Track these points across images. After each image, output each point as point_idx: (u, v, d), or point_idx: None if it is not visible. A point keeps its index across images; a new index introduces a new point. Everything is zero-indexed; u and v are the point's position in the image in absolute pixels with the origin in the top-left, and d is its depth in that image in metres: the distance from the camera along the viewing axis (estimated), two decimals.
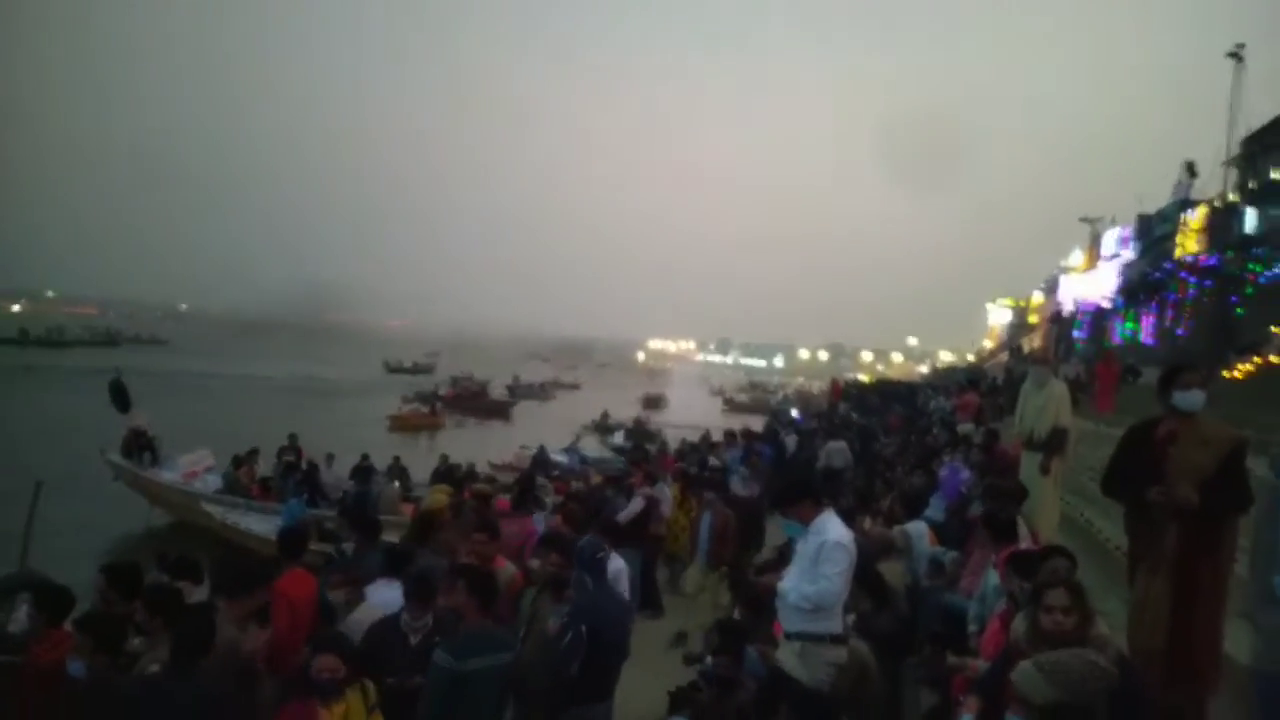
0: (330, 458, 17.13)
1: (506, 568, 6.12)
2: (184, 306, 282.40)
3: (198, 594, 5.56)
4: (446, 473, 15.45)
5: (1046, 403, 7.88)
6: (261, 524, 14.07)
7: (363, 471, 15.95)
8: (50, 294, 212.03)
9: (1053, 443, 7.80)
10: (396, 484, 16.04)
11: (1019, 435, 8.35)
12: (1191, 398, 4.51)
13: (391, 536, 8.00)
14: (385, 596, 5.52)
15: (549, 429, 31.64)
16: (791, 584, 4.72)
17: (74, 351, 56.95)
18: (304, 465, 16.27)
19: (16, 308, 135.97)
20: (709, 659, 6.09)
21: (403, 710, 4.57)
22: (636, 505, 9.85)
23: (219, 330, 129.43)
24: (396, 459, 18.21)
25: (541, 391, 63.18)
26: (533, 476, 12.92)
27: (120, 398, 16.65)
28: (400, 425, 37.35)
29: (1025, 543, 5.85)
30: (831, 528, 4.73)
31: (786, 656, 4.67)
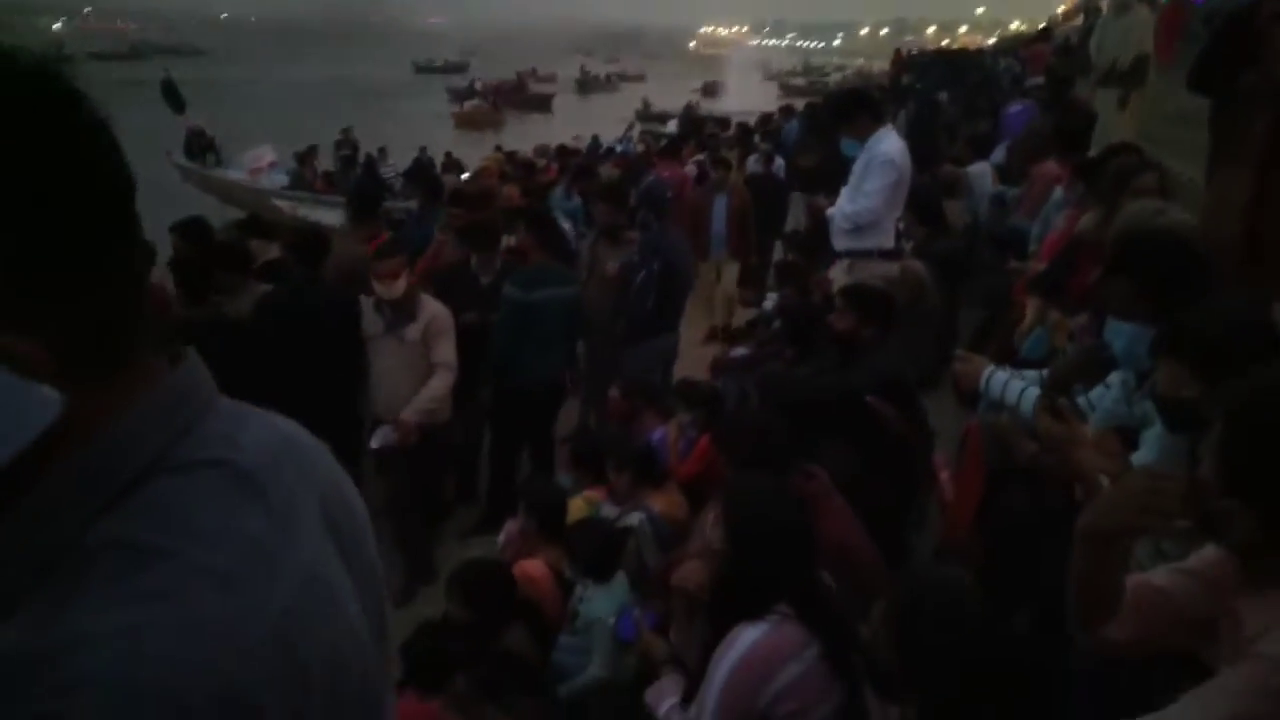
0: (383, 151, 17.18)
1: None
2: (224, 15, 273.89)
3: (270, 251, 5.83)
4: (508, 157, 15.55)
5: (1130, 28, 7.33)
6: (330, 215, 14.39)
7: (420, 165, 16.06)
8: (87, 10, 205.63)
9: (1134, 74, 7.35)
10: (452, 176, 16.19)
11: (1096, 71, 7.89)
12: None
13: None
14: None
15: (591, 121, 31.07)
16: (838, 204, 4.75)
17: (110, 65, 56.08)
18: (361, 159, 16.41)
19: (58, 25, 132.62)
20: (767, 298, 6.35)
21: (480, 345, 4.90)
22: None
23: (258, 37, 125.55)
24: (448, 154, 18.19)
25: (607, 84, 62.36)
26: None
27: (174, 97, 16.52)
28: (465, 122, 37.82)
29: None
30: (886, 143, 4.62)
31: (837, 275, 4.77)
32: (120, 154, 0.64)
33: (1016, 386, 2.62)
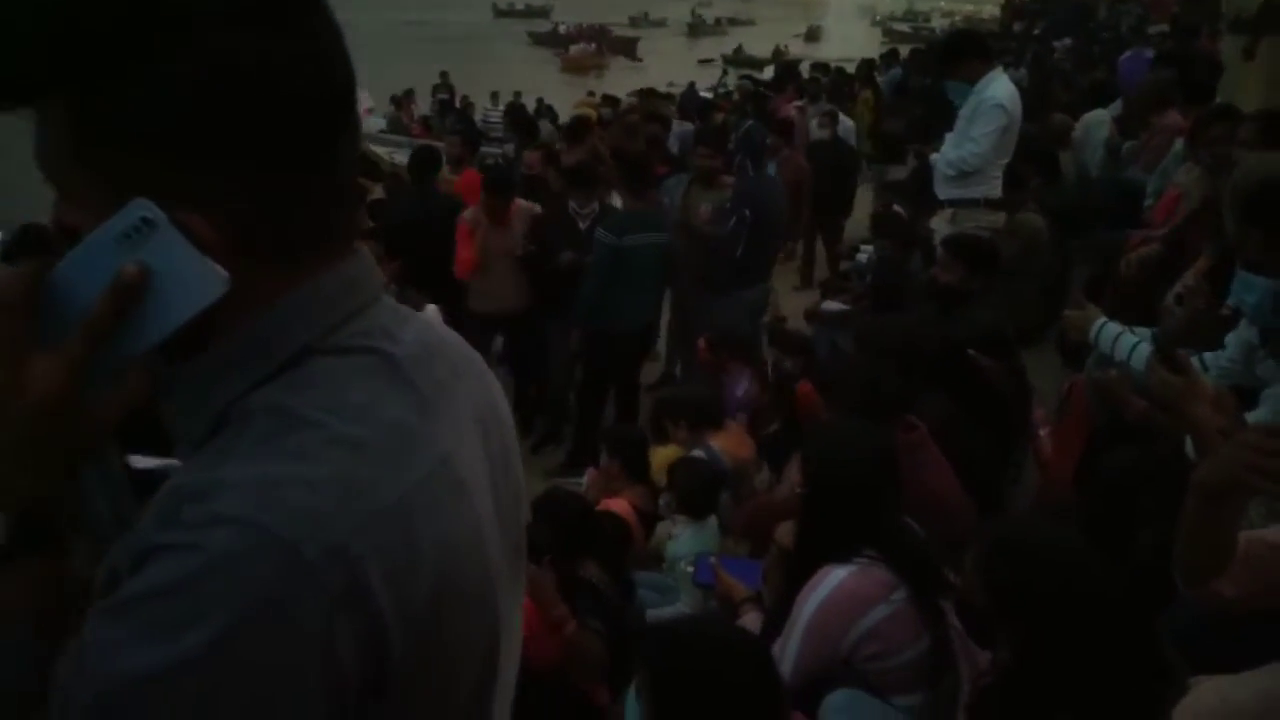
0: (495, 95, 17.50)
1: None
2: None
3: (376, 192, 5.99)
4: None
5: None
6: None
7: (516, 109, 16.18)
8: None
9: (1264, 20, 6.91)
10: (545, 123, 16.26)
11: (1226, 17, 7.42)
12: None
13: None
14: None
15: (679, 65, 30.96)
16: (943, 150, 4.59)
17: None
18: (458, 104, 16.60)
19: None
20: (861, 250, 6.22)
21: (574, 286, 4.95)
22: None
23: None
24: (540, 100, 18.25)
25: (717, 27, 62.31)
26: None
27: None
28: (571, 66, 38.50)
29: None
30: (996, 87, 4.43)
31: (939, 224, 4.64)
32: (342, 55, 0.68)
33: (1129, 340, 2.51)
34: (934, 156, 4.70)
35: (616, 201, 5.44)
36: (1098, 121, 6.61)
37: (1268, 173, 2.20)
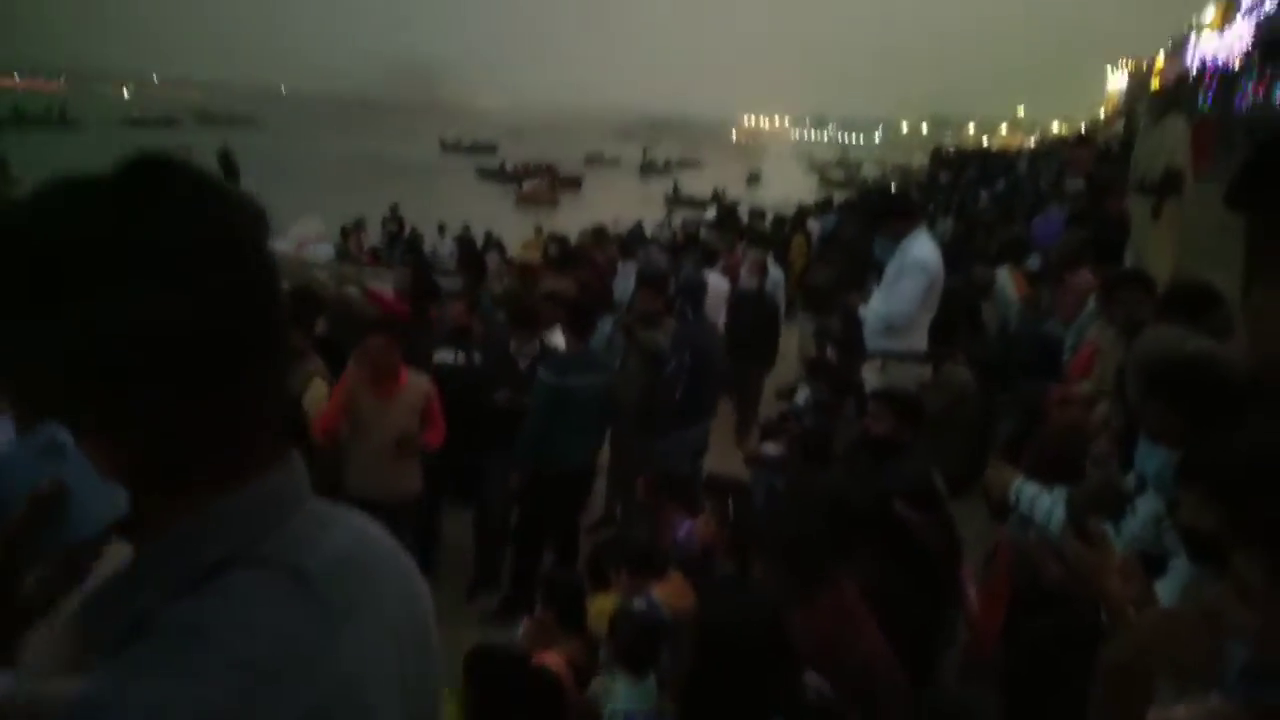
0: (442, 228, 17.87)
1: None
2: (284, 88, 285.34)
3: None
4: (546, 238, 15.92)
5: (1161, 139, 7.46)
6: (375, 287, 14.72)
7: (465, 242, 16.48)
8: (155, 78, 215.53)
9: (1166, 184, 7.44)
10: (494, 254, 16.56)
11: (1133, 180, 7.98)
12: None
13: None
14: None
15: (623, 202, 32.46)
16: (872, 304, 4.82)
17: (164, 132, 57.94)
18: (410, 234, 16.95)
19: (126, 94, 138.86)
20: (800, 392, 6.36)
21: (516, 427, 4.96)
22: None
23: (310, 110, 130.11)
24: (489, 232, 18.59)
25: (666, 169, 65.43)
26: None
27: (229, 167, 17.08)
28: (526, 199, 40.41)
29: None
30: (919, 246, 4.71)
31: (870, 374, 4.80)
32: (265, 291, 0.74)
33: (1045, 503, 2.61)
34: (862, 310, 4.91)
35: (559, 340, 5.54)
36: (1004, 279, 7.00)
37: (1166, 348, 2.35)
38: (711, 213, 32.62)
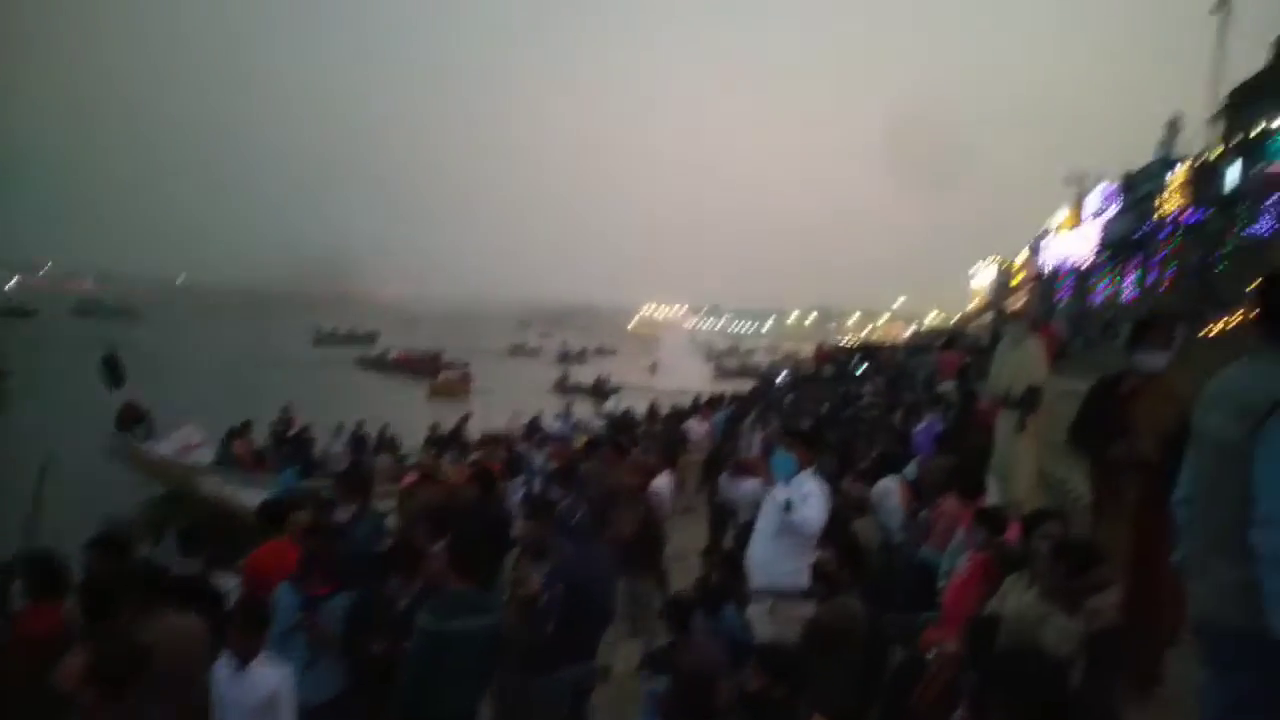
0: (340, 426, 17.53)
1: None
2: (180, 279, 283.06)
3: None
4: (437, 440, 15.63)
5: (1022, 360, 7.98)
6: (254, 495, 14.17)
7: (357, 441, 16.19)
8: (44, 269, 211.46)
9: (1027, 401, 7.92)
10: (386, 455, 16.22)
11: (995, 394, 8.46)
12: (1152, 360, 4.62)
13: (382, 507, 8.07)
14: None
15: (516, 393, 32.88)
16: (759, 540, 4.90)
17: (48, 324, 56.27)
18: (295, 435, 16.50)
19: (10, 284, 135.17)
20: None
21: (393, 675, 4.70)
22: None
23: (203, 301, 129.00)
24: (384, 428, 18.29)
25: (579, 358, 68.75)
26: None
27: (114, 373, 16.53)
28: (438, 391, 40.69)
29: (993, 499, 6.00)
30: (811, 483, 4.89)
31: (757, 616, 4.81)
32: None
33: None
34: (752, 547, 4.98)
35: None
36: (886, 491, 7.22)
37: (1017, 653, 2.45)
38: (613, 403, 33.48)
